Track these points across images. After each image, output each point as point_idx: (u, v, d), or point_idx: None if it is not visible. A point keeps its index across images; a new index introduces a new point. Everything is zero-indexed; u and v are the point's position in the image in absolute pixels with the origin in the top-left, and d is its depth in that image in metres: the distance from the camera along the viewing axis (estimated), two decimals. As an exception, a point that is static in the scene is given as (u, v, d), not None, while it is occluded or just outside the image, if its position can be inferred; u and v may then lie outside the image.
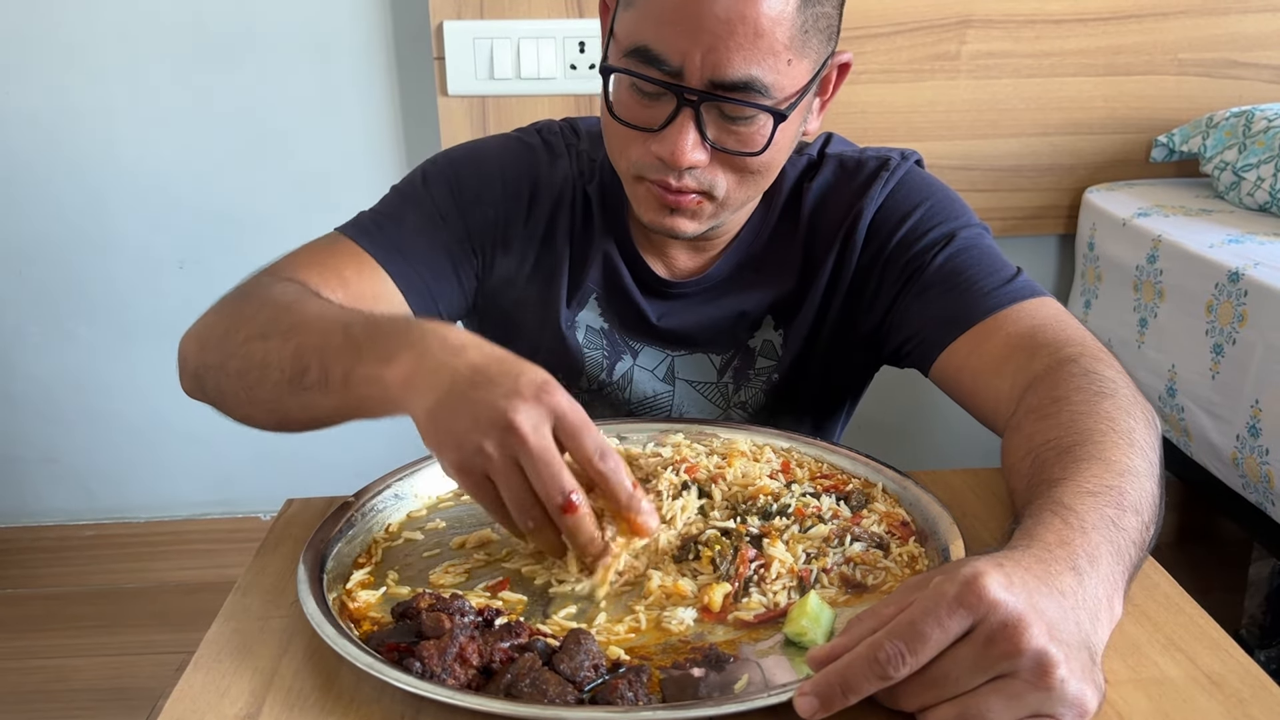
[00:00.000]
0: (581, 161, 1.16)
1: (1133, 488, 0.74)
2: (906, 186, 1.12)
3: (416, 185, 1.13)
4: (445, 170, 1.14)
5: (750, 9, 0.89)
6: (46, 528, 2.40)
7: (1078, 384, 0.87)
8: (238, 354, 0.91)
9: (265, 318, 0.92)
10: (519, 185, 1.14)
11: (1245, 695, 0.67)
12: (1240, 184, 1.94)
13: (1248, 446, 1.58)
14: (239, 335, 0.92)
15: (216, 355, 0.94)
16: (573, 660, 0.66)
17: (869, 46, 2.08)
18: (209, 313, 0.99)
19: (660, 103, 0.96)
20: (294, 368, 0.86)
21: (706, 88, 0.92)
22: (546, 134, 1.18)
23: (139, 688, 2.04)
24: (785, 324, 1.16)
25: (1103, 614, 0.65)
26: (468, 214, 1.12)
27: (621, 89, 0.98)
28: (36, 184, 2.16)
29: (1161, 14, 2.12)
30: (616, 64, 0.96)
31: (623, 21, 0.96)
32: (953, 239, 1.07)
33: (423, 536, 0.87)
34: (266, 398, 0.89)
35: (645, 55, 0.93)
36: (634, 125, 0.97)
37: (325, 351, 0.85)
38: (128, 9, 2.06)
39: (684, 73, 0.92)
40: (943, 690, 0.59)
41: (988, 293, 1.03)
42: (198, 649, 0.73)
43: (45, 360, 2.27)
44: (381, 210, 1.13)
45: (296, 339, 0.87)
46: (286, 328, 0.89)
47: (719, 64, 0.91)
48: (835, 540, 0.83)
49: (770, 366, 1.17)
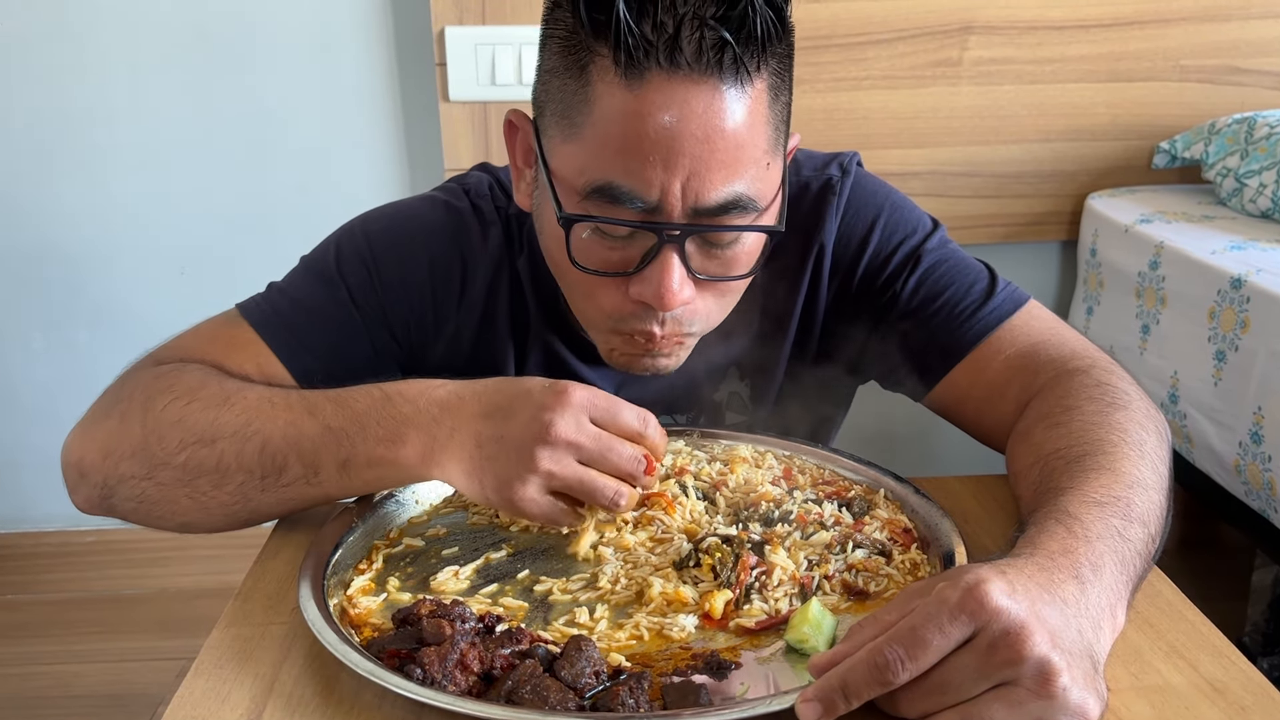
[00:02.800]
0: (512, 228, 1.03)
1: (1141, 499, 0.74)
2: (855, 204, 1.04)
3: (330, 267, 1.00)
4: (362, 250, 1.01)
5: (728, 120, 0.79)
6: (47, 534, 2.39)
7: (1090, 394, 0.86)
8: (172, 462, 0.84)
9: (203, 420, 0.84)
10: (448, 269, 1.02)
11: (1248, 703, 0.66)
12: (1242, 190, 1.94)
13: (1250, 453, 1.58)
14: (169, 442, 0.84)
15: (138, 465, 0.85)
16: (574, 667, 0.66)
17: (871, 53, 2.08)
18: (101, 415, 0.89)
19: (633, 242, 0.85)
20: (265, 467, 0.83)
21: (688, 217, 0.82)
22: (475, 196, 1.04)
23: (139, 694, 2.04)
24: (752, 375, 1.09)
25: (1105, 623, 0.65)
26: (388, 302, 1.00)
27: (581, 235, 0.85)
28: (38, 189, 2.16)
29: (1164, 20, 2.12)
30: (576, 211, 0.83)
31: (566, 156, 0.84)
32: (919, 259, 1.02)
33: (423, 543, 0.87)
34: (227, 500, 0.85)
35: (612, 194, 0.81)
36: (604, 273, 0.86)
37: (302, 445, 0.82)
38: (130, 15, 2.06)
39: (662, 207, 0.81)
40: (944, 697, 0.59)
41: (972, 314, 0.99)
42: (199, 654, 0.73)
43: (46, 366, 2.27)
44: (290, 294, 1.00)
45: (258, 437, 0.83)
46: (238, 427, 0.83)
47: (702, 189, 0.80)
48: (837, 547, 0.83)
49: (741, 423, 1.10)
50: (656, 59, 0.77)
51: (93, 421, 0.90)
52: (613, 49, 0.78)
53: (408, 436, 0.80)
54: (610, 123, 0.80)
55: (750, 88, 0.81)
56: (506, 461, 0.76)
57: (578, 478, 0.76)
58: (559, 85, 0.83)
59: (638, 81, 0.78)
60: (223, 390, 0.87)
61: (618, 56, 0.78)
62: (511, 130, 0.93)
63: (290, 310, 0.99)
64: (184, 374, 0.89)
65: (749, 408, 1.11)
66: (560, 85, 0.83)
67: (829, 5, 2.00)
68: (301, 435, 0.82)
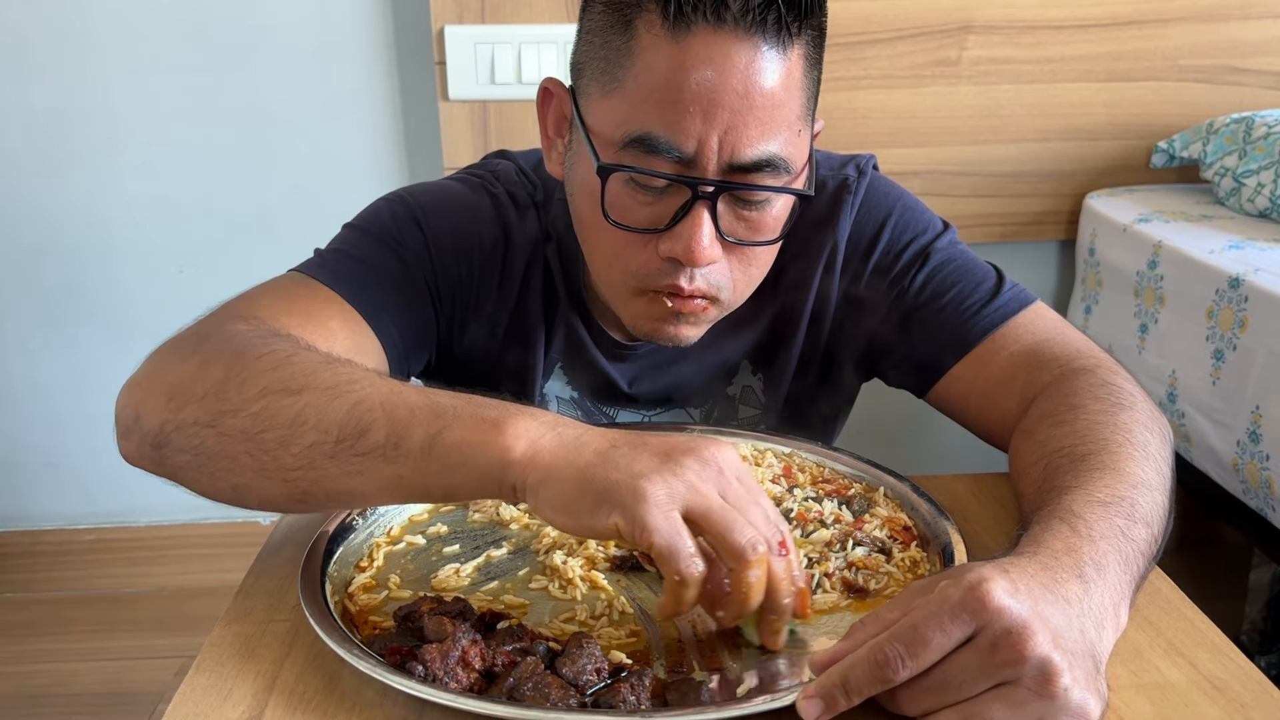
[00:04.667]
0: (544, 216, 1.04)
1: (1145, 500, 0.74)
2: (869, 203, 1.05)
3: (387, 228, 0.99)
4: (416, 216, 1.00)
5: (767, 78, 0.82)
6: (46, 532, 2.39)
7: (1095, 394, 0.86)
8: (246, 410, 0.74)
9: (301, 370, 0.76)
10: (495, 241, 1.02)
11: (1247, 700, 0.67)
12: (1240, 190, 1.94)
13: (1248, 452, 1.58)
14: (250, 387, 0.75)
15: (205, 410, 0.76)
16: (575, 664, 0.66)
17: (870, 52, 2.08)
18: (175, 359, 0.81)
19: (665, 197, 0.86)
20: (346, 428, 0.72)
21: (722, 173, 0.83)
22: (507, 183, 1.05)
23: (138, 692, 2.03)
24: (764, 369, 1.10)
25: (1108, 622, 0.65)
26: (440, 268, 1.00)
27: (617, 189, 0.86)
28: (37, 188, 2.16)
29: (1162, 20, 2.12)
30: (612, 160, 0.84)
31: (605, 111, 0.85)
32: (928, 256, 1.03)
33: (425, 540, 0.87)
34: (290, 464, 0.73)
35: (650, 145, 0.82)
36: (635, 228, 0.86)
37: (398, 411, 0.71)
38: (129, 13, 2.06)
39: (698, 160, 0.82)
40: (945, 696, 0.59)
41: (978, 310, 1.00)
42: (200, 652, 0.73)
43: (45, 364, 2.27)
44: (349, 253, 0.98)
45: (352, 395, 0.73)
46: (336, 382, 0.74)
47: (738, 144, 0.82)
48: (837, 544, 0.83)
49: (754, 416, 1.12)
50: (703, 13, 0.80)
51: (163, 364, 0.82)
52: (661, 2, 0.80)
53: (515, 425, 0.69)
54: (652, 74, 0.82)
55: (790, 51, 0.83)
56: (641, 460, 0.66)
57: (721, 505, 0.65)
58: (601, 43, 0.85)
59: (684, 34, 0.80)
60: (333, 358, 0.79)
61: (665, 9, 0.80)
62: (546, 98, 0.94)
63: (356, 268, 0.96)
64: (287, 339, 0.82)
65: (761, 401, 1.11)
66: (603, 42, 0.85)
67: (829, 5, 2.00)
68: (401, 402, 0.72)
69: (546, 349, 1.06)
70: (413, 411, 0.71)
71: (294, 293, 0.92)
